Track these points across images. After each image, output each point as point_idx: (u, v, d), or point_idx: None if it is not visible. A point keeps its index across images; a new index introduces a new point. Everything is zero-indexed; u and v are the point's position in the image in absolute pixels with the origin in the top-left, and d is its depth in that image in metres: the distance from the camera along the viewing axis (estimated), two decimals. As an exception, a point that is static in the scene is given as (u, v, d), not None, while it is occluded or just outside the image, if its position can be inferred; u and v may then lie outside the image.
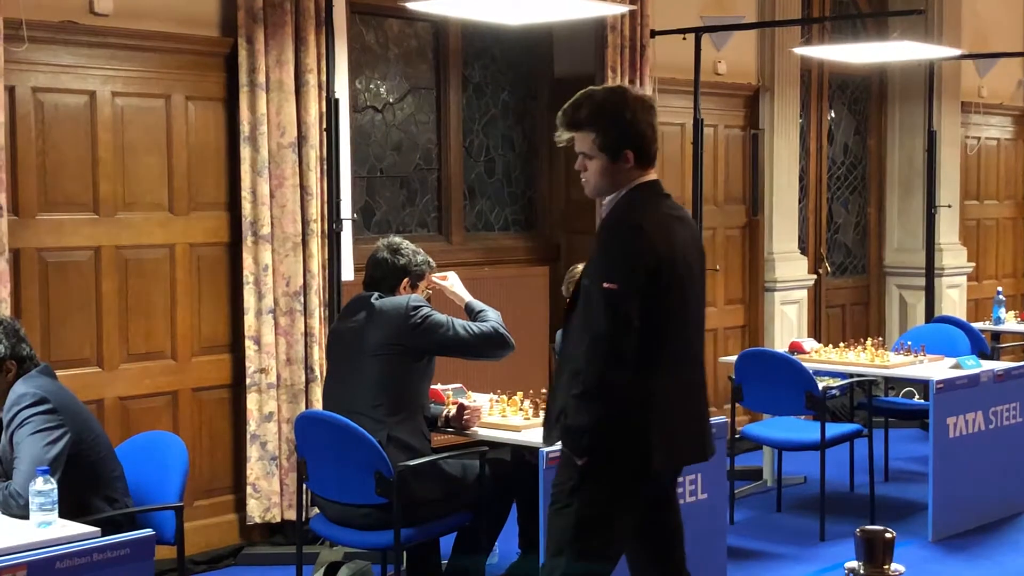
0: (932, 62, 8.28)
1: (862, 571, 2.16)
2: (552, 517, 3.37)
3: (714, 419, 4.68)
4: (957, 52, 8.05)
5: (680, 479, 4.42)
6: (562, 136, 3.37)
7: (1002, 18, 9.95)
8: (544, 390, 4.85)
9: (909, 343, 6.47)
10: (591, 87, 3.44)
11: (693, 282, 3.39)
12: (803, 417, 6.33)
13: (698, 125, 6.74)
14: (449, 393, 4.79)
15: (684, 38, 6.81)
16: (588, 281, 3.29)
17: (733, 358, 6.22)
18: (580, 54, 7.05)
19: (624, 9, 6.40)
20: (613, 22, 6.71)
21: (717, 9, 7.61)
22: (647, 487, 3.36)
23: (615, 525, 3.31)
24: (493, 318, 4.59)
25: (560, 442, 3.31)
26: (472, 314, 4.65)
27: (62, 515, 3.18)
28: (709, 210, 7.39)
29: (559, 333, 3.64)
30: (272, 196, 5.49)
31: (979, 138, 9.90)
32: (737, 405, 6.18)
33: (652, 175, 3.38)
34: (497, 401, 4.83)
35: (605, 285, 3.19)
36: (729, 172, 7.90)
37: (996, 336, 8.05)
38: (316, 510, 4.65)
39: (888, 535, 2.13)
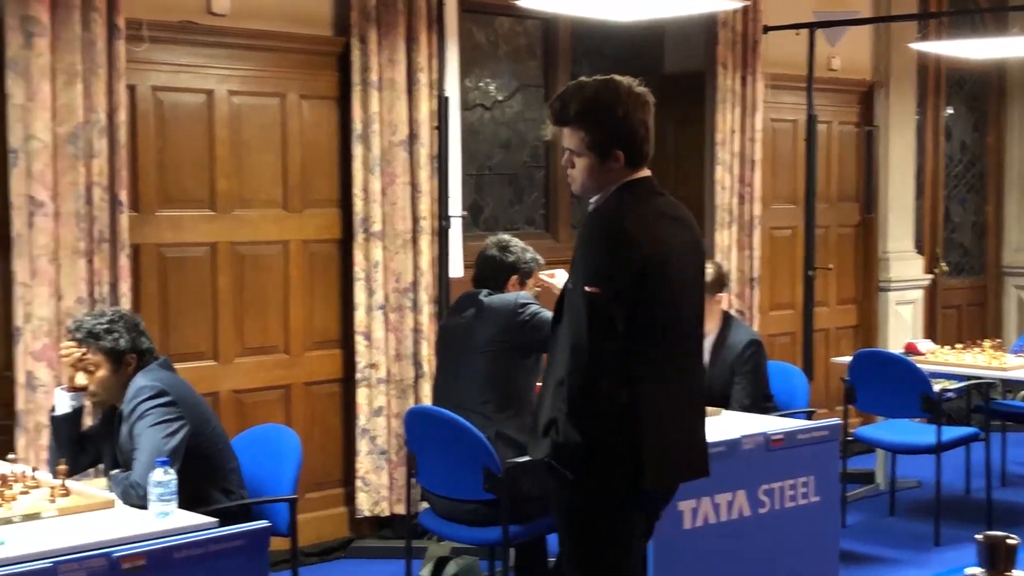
0: (1054, 57, 8.06)
1: (983, 579, 2.10)
2: (560, 534, 3.18)
3: (827, 421, 4.65)
4: (1081, 46, 7.82)
5: (794, 481, 4.40)
6: (548, 130, 3.21)
7: None
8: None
9: (1029, 345, 6.31)
10: (582, 78, 3.21)
11: (687, 286, 3.15)
12: (918, 420, 6.21)
13: (811, 122, 6.65)
14: (558, 391, 4.77)
15: (797, 33, 6.71)
16: (571, 285, 3.08)
17: (846, 359, 6.12)
18: (691, 50, 7.00)
19: (737, 4, 6.33)
20: (725, 18, 6.65)
21: (831, 4, 7.49)
22: (642, 505, 3.12)
23: (618, 544, 3.10)
24: (602, 316, 4.57)
25: (547, 455, 3.04)
26: (581, 312, 4.63)
27: (180, 506, 3.25)
28: (822, 208, 7.28)
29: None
30: (383, 193, 5.54)
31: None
32: (850, 407, 6.08)
33: (644, 172, 3.16)
34: (606, 399, 4.80)
35: (587, 289, 2.96)
36: (843, 169, 7.78)
37: None
38: (424, 505, 4.68)
39: (1011, 541, 2.08)
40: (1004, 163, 9.18)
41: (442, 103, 5.54)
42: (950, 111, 8.87)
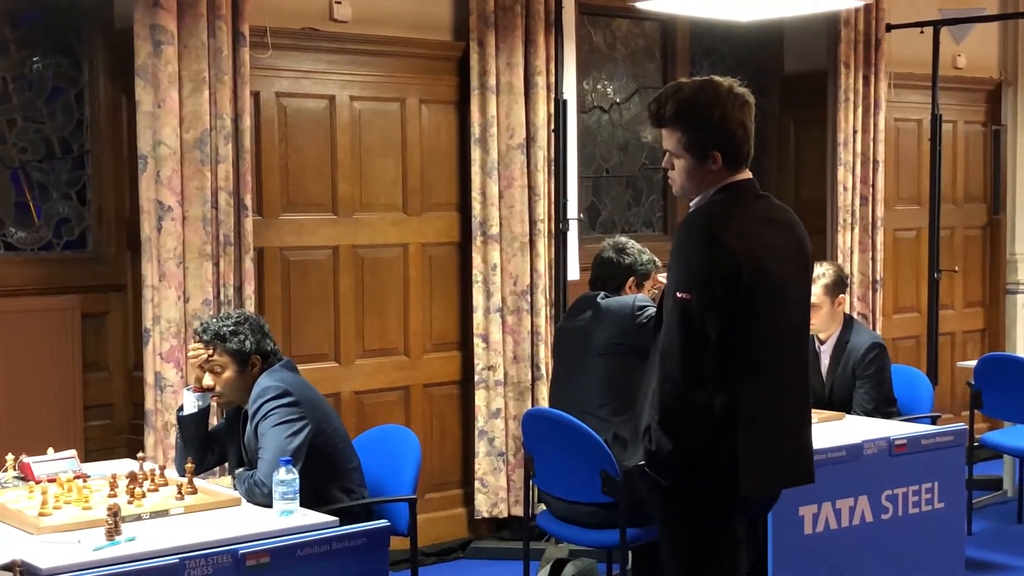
0: None
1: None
2: (661, 541, 3.17)
3: (952, 426, 4.55)
4: None
5: (918, 487, 4.32)
6: (649, 132, 3.16)
7: None
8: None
9: None
10: (681, 79, 3.19)
11: (787, 292, 3.07)
12: (1048, 426, 6.03)
13: (936, 121, 6.51)
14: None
15: (922, 31, 6.58)
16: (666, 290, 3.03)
17: (972, 363, 5.98)
18: (812, 49, 6.91)
19: (859, 3, 6.22)
20: (847, 16, 6.56)
21: (957, 1, 7.32)
22: (741, 511, 3.09)
23: (718, 550, 3.07)
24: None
25: (644, 462, 3.04)
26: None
27: (303, 504, 3.30)
28: (948, 209, 7.13)
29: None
30: (501, 196, 5.57)
31: None
32: (976, 412, 5.94)
33: (744, 174, 3.09)
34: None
35: (678, 295, 2.94)
36: (969, 170, 7.61)
37: None
38: (542, 507, 4.69)
39: None
40: None
41: (559, 106, 5.55)
42: (1082, 108, 8.60)
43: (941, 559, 4.50)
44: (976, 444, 6.00)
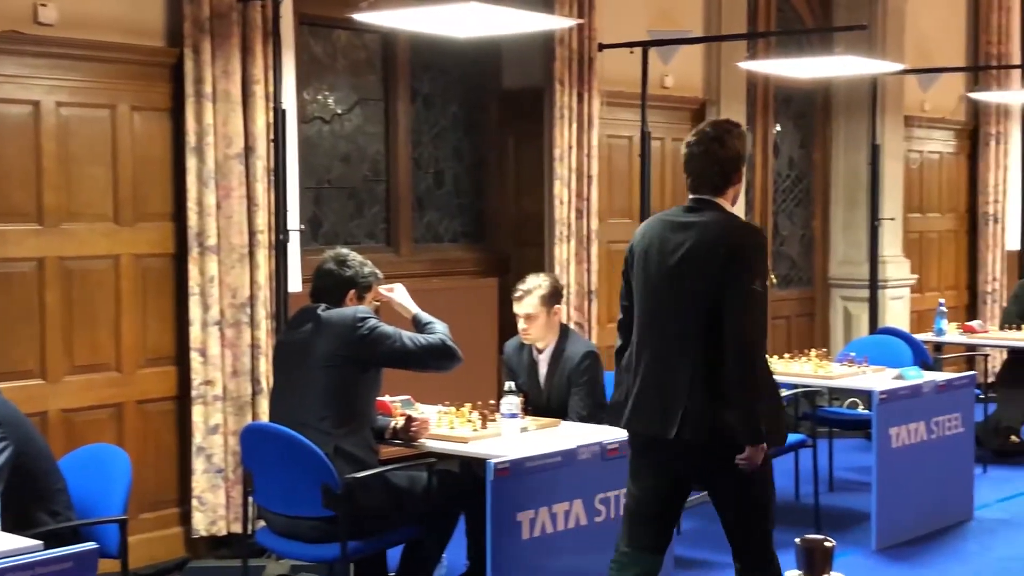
0: (876, 77, 8.38)
1: (804, 579, 2.18)
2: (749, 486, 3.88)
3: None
4: (900, 67, 8.16)
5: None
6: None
7: (944, 34, 10.10)
8: (492, 401, 4.87)
9: (853, 354, 6.54)
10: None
11: None
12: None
13: (646, 138, 6.78)
14: (397, 405, 4.78)
15: (631, 52, 6.85)
16: (712, 283, 3.75)
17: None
18: (529, 67, 7.08)
19: (572, 23, 6.43)
20: (561, 35, 6.75)
21: (664, 23, 7.66)
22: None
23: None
24: (441, 330, 4.59)
25: (693, 433, 3.77)
26: (420, 326, 4.65)
27: (4, 528, 3.15)
28: (656, 222, 7.41)
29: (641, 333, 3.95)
30: (218, 207, 5.47)
31: (921, 152, 10.02)
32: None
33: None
34: (445, 413, 4.83)
35: (754, 287, 3.72)
36: (676, 185, 7.94)
37: (938, 347, 8.15)
38: (262, 523, 4.62)
39: (827, 544, 2.16)
40: (830, 178, 9.51)
41: (278, 115, 5.49)
42: (778, 128, 9.15)
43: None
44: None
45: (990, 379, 8.58)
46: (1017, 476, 7.31)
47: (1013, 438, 7.85)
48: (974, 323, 8.24)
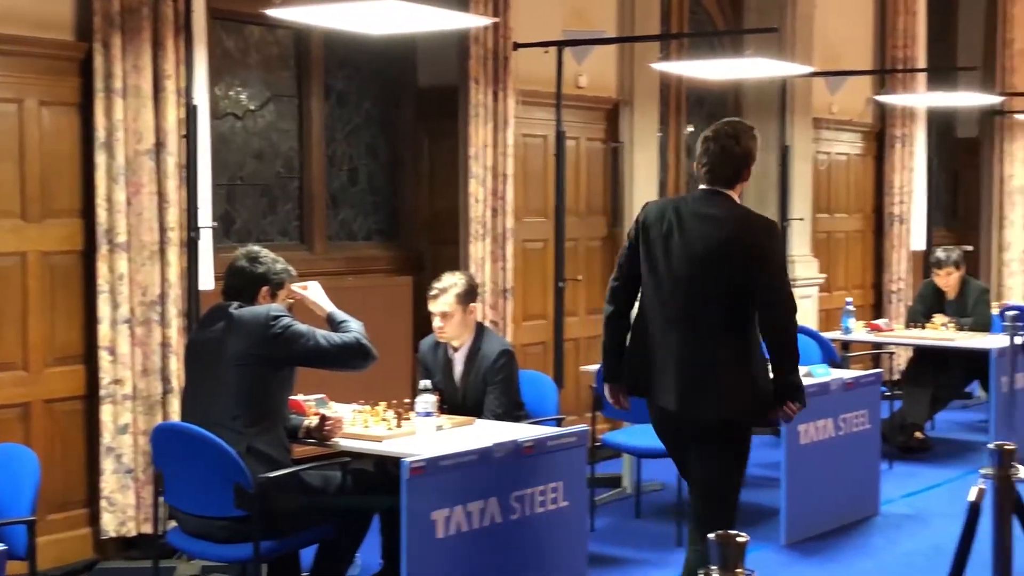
0: (785, 79, 8.51)
1: (716, 575, 2.21)
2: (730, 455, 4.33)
3: (576, 428, 4.78)
4: (809, 69, 8.30)
5: (544, 487, 4.52)
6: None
7: (852, 37, 10.29)
8: (407, 400, 4.86)
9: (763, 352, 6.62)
10: None
11: None
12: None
13: (560, 138, 6.81)
14: (310, 404, 4.76)
15: (546, 51, 6.88)
16: (746, 269, 4.16)
17: (594, 367, 6.29)
18: (444, 65, 7.08)
19: (487, 21, 6.44)
20: (476, 34, 6.75)
21: (578, 23, 7.71)
22: None
23: None
24: (356, 328, 4.57)
25: (715, 410, 4.21)
26: (334, 324, 4.62)
27: (-94, 532, 3.08)
28: (571, 221, 7.46)
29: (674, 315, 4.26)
30: (128, 204, 5.39)
31: (829, 153, 10.20)
32: (598, 413, 6.26)
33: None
34: (359, 412, 4.81)
35: (782, 275, 4.24)
36: (590, 184, 8.01)
37: (845, 345, 8.31)
38: (173, 523, 4.57)
39: (740, 540, 2.19)
40: (741, 179, 9.62)
41: (190, 111, 5.43)
42: (690, 129, 9.24)
43: (566, 556, 4.71)
44: (597, 444, 6.33)
45: (895, 377, 8.76)
46: (921, 472, 7.48)
47: (917, 435, 8.02)
48: (880, 322, 8.41)
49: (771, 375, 4.30)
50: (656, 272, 4.29)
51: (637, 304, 4.44)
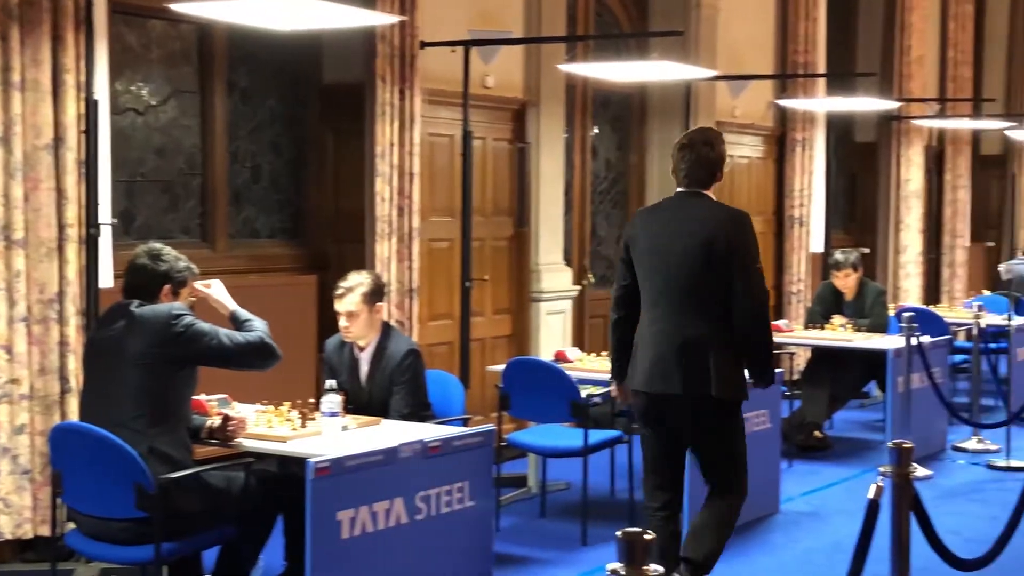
0: (689, 82, 8.60)
1: (623, 572, 2.23)
2: (733, 428, 4.84)
3: (482, 427, 4.78)
4: (713, 73, 8.40)
5: (450, 487, 4.52)
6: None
7: (754, 42, 10.44)
8: (312, 400, 4.82)
9: (667, 352, 6.69)
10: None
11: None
12: (567, 424, 6.47)
13: (467, 137, 6.81)
14: (213, 404, 4.70)
15: (453, 51, 6.88)
16: (727, 260, 4.61)
17: (500, 367, 6.31)
18: (350, 62, 7.04)
19: (394, 19, 6.41)
20: (383, 32, 6.72)
21: (485, 23, 7.71)
22: None
23: None
24: (259, 327, 4.53)
25: (704, 387, 4.63)
26: (238, 323, 4.57)
27: None
28: (478, 221, 7.47)
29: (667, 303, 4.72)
30: (26, 199, 5.27)
31: (732, 156, 10.32)
32: (504, 413, 6.28)
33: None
34: (263, 412, 4.76)
35: (757, 266, 4.63)
36: (497, 184, 8.01)
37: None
38: (72, 525, 4.48)
39: (647, 537, 2.21)
40: (645, 181, 9.72)
41: (90, 106, 5.32)
42: (596, 131, 9.31)
43: (472, 555, 4.71)
44: (503, 444, 6.34)
45: (795, 377, 8.90)
46: (820, 470, 7.61)
47: (816, 434, 8.17)
48: (780, 322, 8.54)
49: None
50: (651, 272, 4.76)
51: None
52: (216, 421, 4.56)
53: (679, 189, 4.79)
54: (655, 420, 4.80)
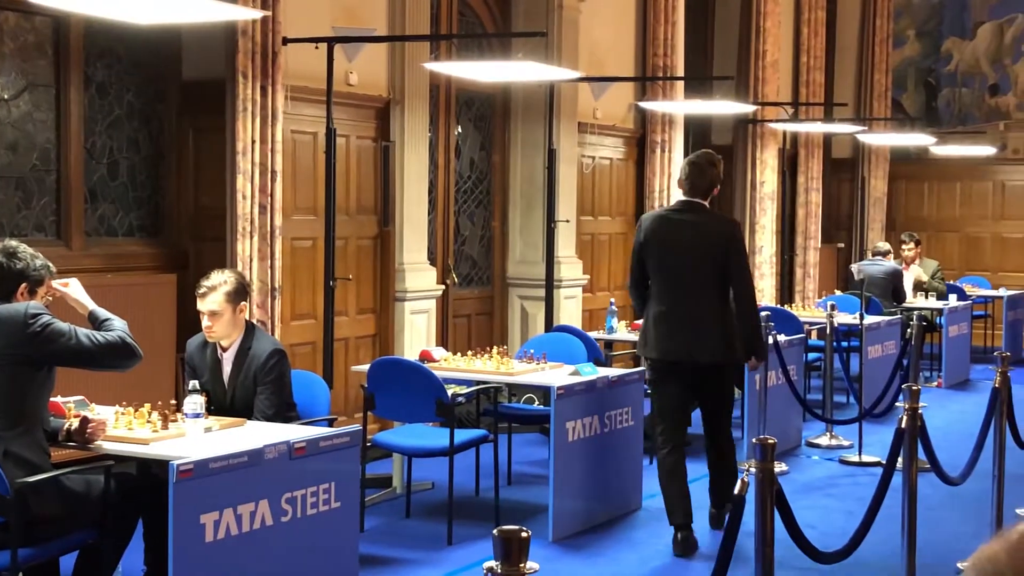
0: (552, 83, 8.67)
1: (499, 570, 2.23)
2: (728, 384, 6.16)
3: (348, 428, 4.75)
4: (575, 74, 8.47)
5: (316, 488, 4.48)
6: None
7: (615, 45, 10.57)
8: (173, 401, 4.73)
9: (531, 351, 6.75)
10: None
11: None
12: (433, 424, 6.46)
13: (331, 135, 6.75)
14: (71, 405, 4.57)
15: (316, 47, 6.80)
16: (725, 258, 5.85)
17: (365, 367, 6.27)
18: (210, 57, 6.91)
19: (256, 14, 6.31)
20: (244, 27, 6.61)
21: (349, 20, 7.65)
22: None
23: None
24: (119, 327, 4.42)
25: (712, 355, 5.90)
26: (96, 323, 4.45)
27: None
28: (342, 220, 7.41)
29: (672, 295, 5.96)
30: None
31: (594, 157, 10.45)
32: (369, 413, 6.23)
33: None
34: (123, 413, 4.65)
35: (745, 260, 5.96)
36: (361, 183, 7.96)
37: (609, 344, 8.52)
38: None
39: (524, 534, 2.22)
40: (508, 181, 9.77)
41: (-61, 98, 5.13)
42: (460, 130, 9.31)
43: (337, 557, 4.68)
44: (369, 444, 6.31)
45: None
46: (680, 466, 7.72)
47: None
48: (641, 321, 8.64)
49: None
50: (661, 268, 5.91)
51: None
52: (74, 423, 4.44)
53: (683, 197, 5.99)
54: (668, 381, 5.95)
